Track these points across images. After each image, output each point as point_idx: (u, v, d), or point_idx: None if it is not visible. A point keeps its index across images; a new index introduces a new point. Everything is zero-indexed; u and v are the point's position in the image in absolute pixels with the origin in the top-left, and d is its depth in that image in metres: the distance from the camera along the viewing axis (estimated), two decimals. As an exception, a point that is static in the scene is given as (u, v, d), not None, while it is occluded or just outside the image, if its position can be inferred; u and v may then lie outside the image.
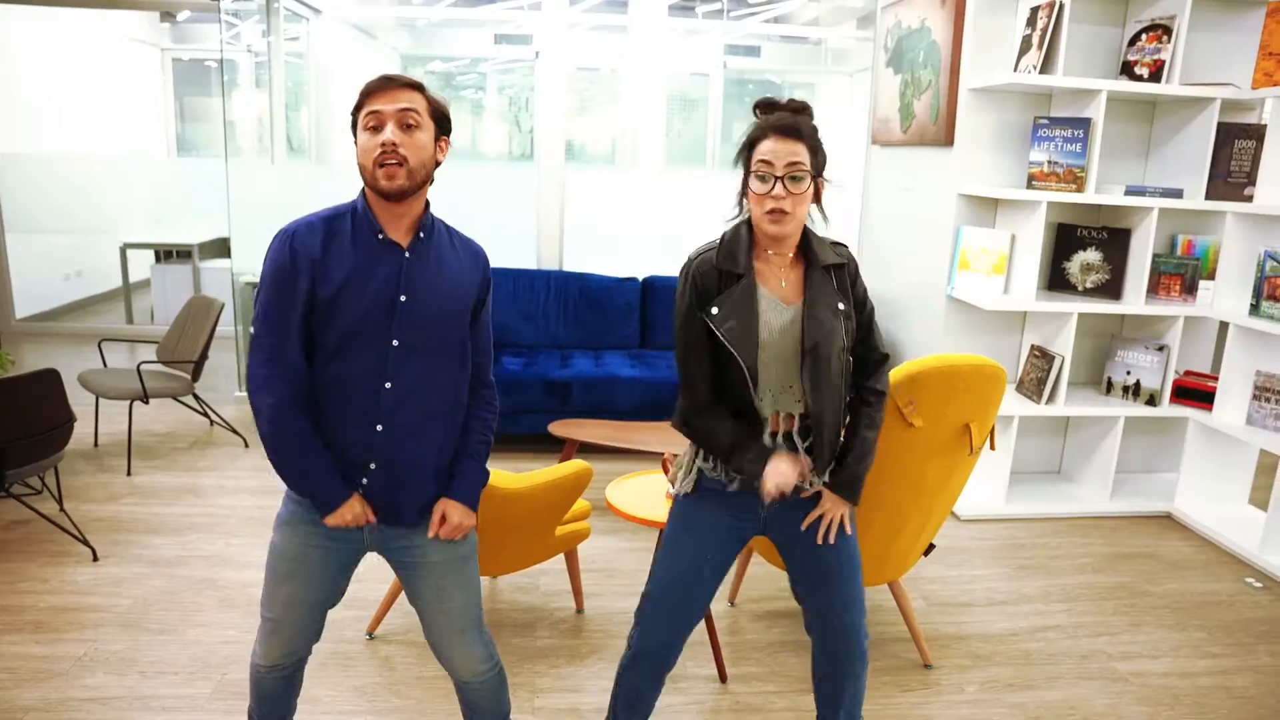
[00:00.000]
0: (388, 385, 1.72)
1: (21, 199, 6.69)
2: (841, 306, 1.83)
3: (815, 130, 1.80)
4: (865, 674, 1.99)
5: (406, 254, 1.74)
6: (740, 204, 1.86)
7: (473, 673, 1.91)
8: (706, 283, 1.81)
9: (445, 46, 7.70)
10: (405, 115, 1.69)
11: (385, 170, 1.67)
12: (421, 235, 1.77)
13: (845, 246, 1.92)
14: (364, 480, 1.75)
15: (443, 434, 1.82)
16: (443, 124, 1.78)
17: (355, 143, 1.73)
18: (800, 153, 1.73)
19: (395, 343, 1.72)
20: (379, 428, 1.73)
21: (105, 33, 7.91)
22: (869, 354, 1.93)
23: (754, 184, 1.76)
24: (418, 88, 1.74)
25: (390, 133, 1.67)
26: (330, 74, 6.41)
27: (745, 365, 1.77)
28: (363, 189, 1.77)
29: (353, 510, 1.74)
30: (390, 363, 1.72)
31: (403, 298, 1.71)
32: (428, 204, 1.81)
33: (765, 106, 1.83)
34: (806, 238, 1.86)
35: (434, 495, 1.82)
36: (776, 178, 1.73)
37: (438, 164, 1.78)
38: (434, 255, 1.78)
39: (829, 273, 1.85)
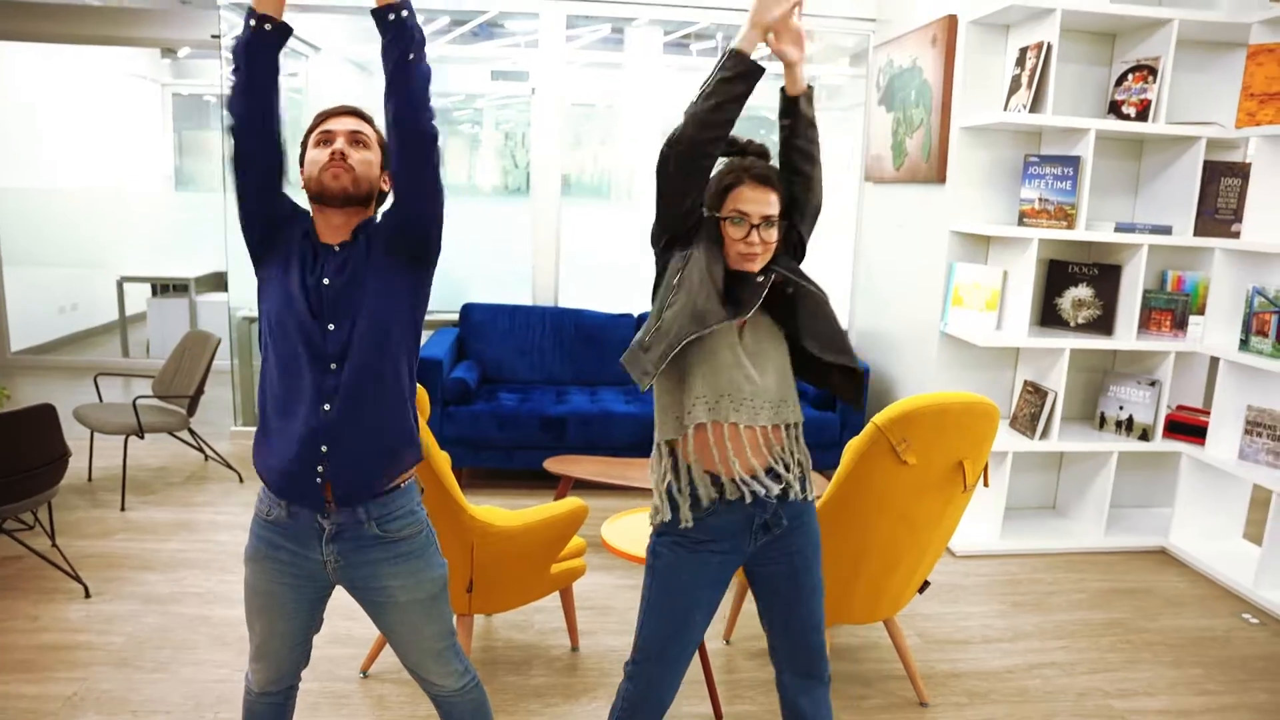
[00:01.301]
0: (333, 366, 1.73)
1: (20, 232, 6.72)
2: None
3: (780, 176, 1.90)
4: (829, 695, 2.01)
5: (336, 248, 1.78)
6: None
7: (450, 688, 1.93)
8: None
9: (442, 83, 7.77)
10: (355, 135, 1.79)
11: (331, 171, 1.74)
12: (359, 236, 1.80)
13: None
14: (319, 467, 1.73)
15: (392, 418, 1.81)
16: (388, 160, 1.84)
17: (302, 164, 1.82)
18: (774, 202, 1.83)
19: (331, 326, 1.74)
20: (326, 407, 1.73)
21: (107, 68, 7.99)
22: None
23: (730, 228, 1.82)
24: (369, 119, 1.85)
25: (340, 143, 1.77)
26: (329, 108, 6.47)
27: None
28: (307, 212, 1.84)
29: None
30: (329, 342, 1.73)
31: (325, 280, 1.74)
32: (372, 220, 1.84)
33: (733, 146, 1.90)
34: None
35: (384, 474, 1.80)
36: (753, 226, 1.79)
37: (383, 193, 1.85)
38: (369, 249, 1.79)
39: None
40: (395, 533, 1.82)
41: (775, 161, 1.93)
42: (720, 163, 1.88)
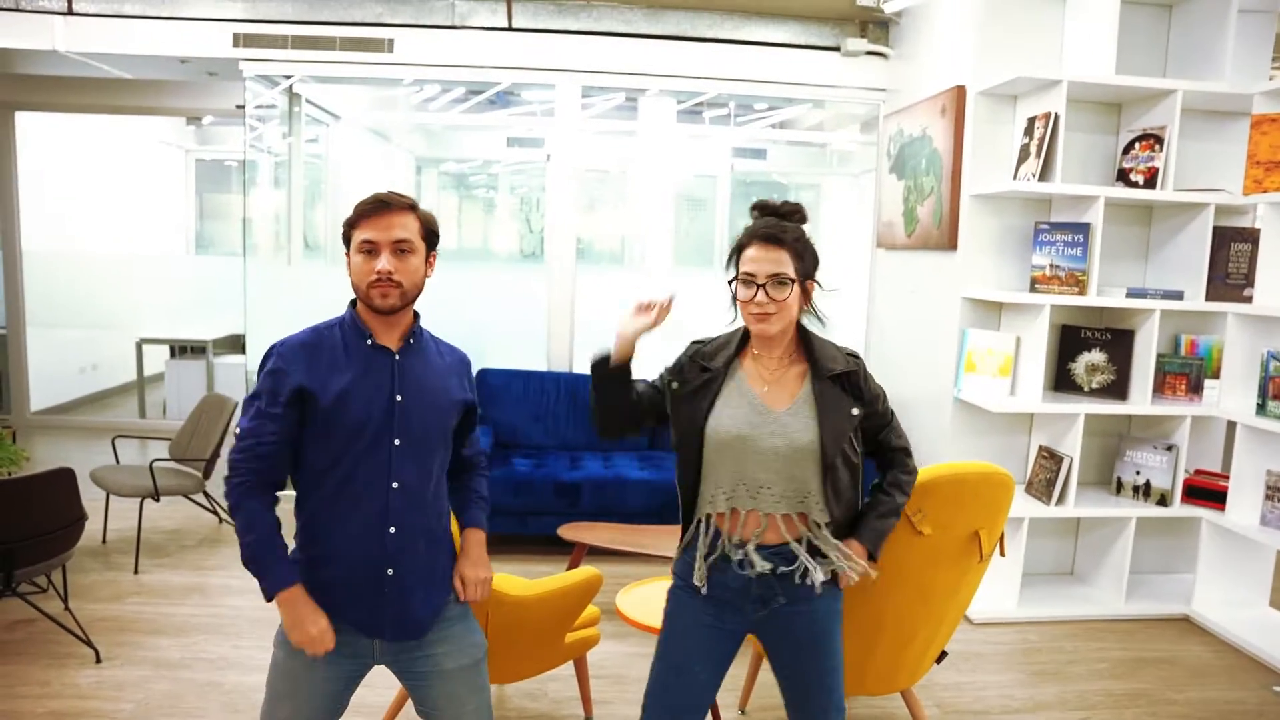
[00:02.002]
0: (394, 485, 1.76)
1: (44, 295, 6.84)
2: (855, 412, 1.88)
3: (801, 234, 1.88)
4: None
5: (396, 356, 1.81)
6: (734, 306, 1.93)
7: None
8: (690, 369, 1.95)
9: (458, 149, 7.94)
10: (399, 245, 1.76)
11: (379, 290, 1.76)
12: (411, 341, 1.85)
13: (856, 355, 1.97)
14: (384, 590, 1.76)
15: (438, 529, 1.86)
16: (432, 241, 1.87)
17: (348, 257, 1.81)
18: (783, 260, 1.82)
19: (397, 442, 1.76)
20: (392, 530, 1.75)
21: (134, 136, 8.21)
22: (886, 446, 2.00)
23: (740, 290, 1.85)
24: (411, 208, 1.81)
25: (385, 262, 1.74)
26: (347, 175, 6.62)
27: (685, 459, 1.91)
28: (353, 300, 1.85)
29: (318, 626, 1.73)
30: (394, 462, 1.76)
31: (399, 397, 1.77)
32: (416, 315, 1.89)
33: (760, 208, 1.93)
34: (809, 342, 1.90)
35: (443, 599, 1.84)
36: (759, 285, 1.80)
37: (427, 277, 1.88)
38: (421, 357, 1.85)
39: (838, 381, 1.88)
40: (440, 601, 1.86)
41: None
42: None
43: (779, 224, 1.87)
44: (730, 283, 1.89)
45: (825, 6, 4.84)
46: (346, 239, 1.81)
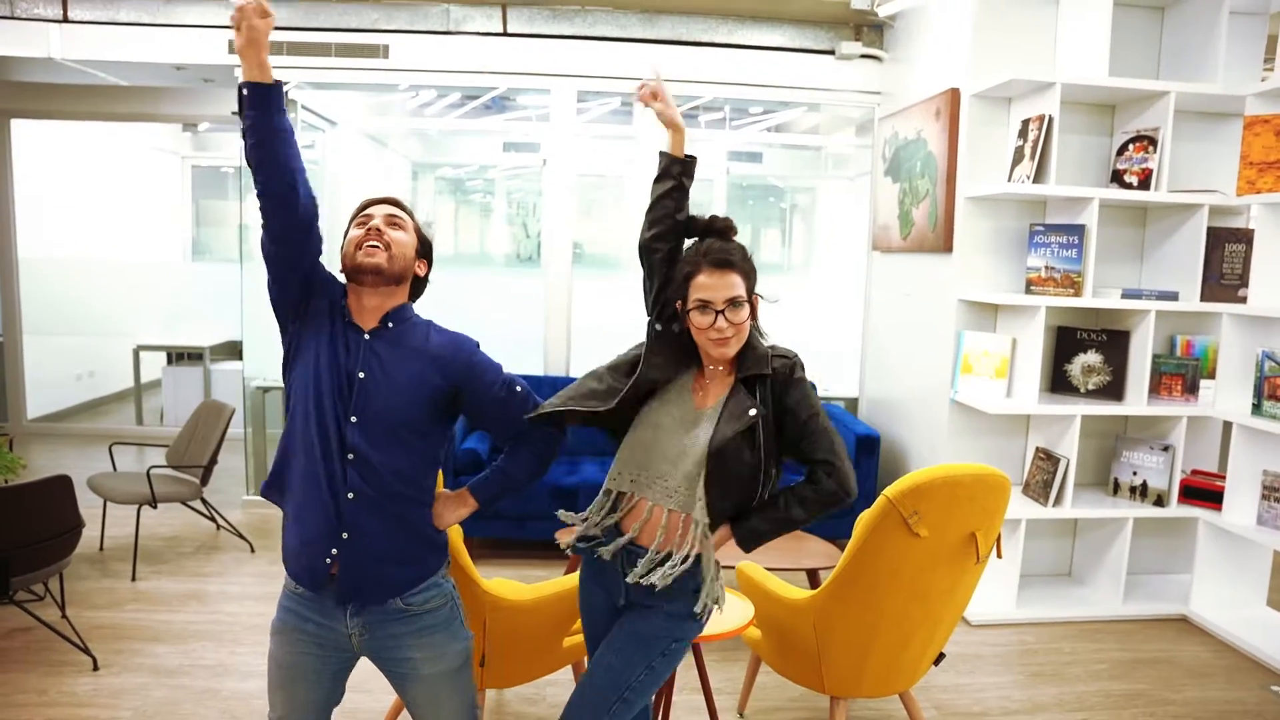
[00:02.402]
0: (350, 456, 1.78)
1: (41, 302, 6.84)
2: (752, 413, 1.86)
3: (744, 252, 1.92)
4: None
5: (366, 335, 1.83)
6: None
7: None
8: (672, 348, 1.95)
9: (455, 154, 7.95)
10: (392, 218, 1.88)
11: (365, 249, 1.81)
12: (390, 325, 1.86)
13: (790, 357, 1.94)
14: (333, 550, 1.77)
15: (410, 518, 1.85)
16: (425, 248, 1.96)
17: (344, 242, 1.89)
18: (736, 284, 1.85)
19: (354, 419, 1.78)
20: (350, 495, 1.78)
21: (131, 143, 8.20)
22: (805, 456, 1.92)
23: (695, 317, 1.86)
24: (409, 210, 1.93)
25: (377, 222, 1.85)
26: (344, 180, 6.62)
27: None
28: (342, 286, 1.90)
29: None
30: (349, 437, 1.78)
31: (361, 374, 1.79)
32: (406, 306, 1.92)
33: (702, 230, 1.96)
34: (743, 349, 1.91)
35: (401, 581, 1.84)
36: (718, 312, 1.82)
37: (417, 278, 1.94)
38: (399, 341, 1.86)
39: (752, 383, 1.89)
40: (419, 606, 1.85)
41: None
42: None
43: (724, 246, 1.89)
44: (676, 310, 1.91)
45: (819, 10, 4.86)
46: (346, 232, 1.91)
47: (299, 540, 1.81)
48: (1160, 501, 3.97)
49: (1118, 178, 3.96)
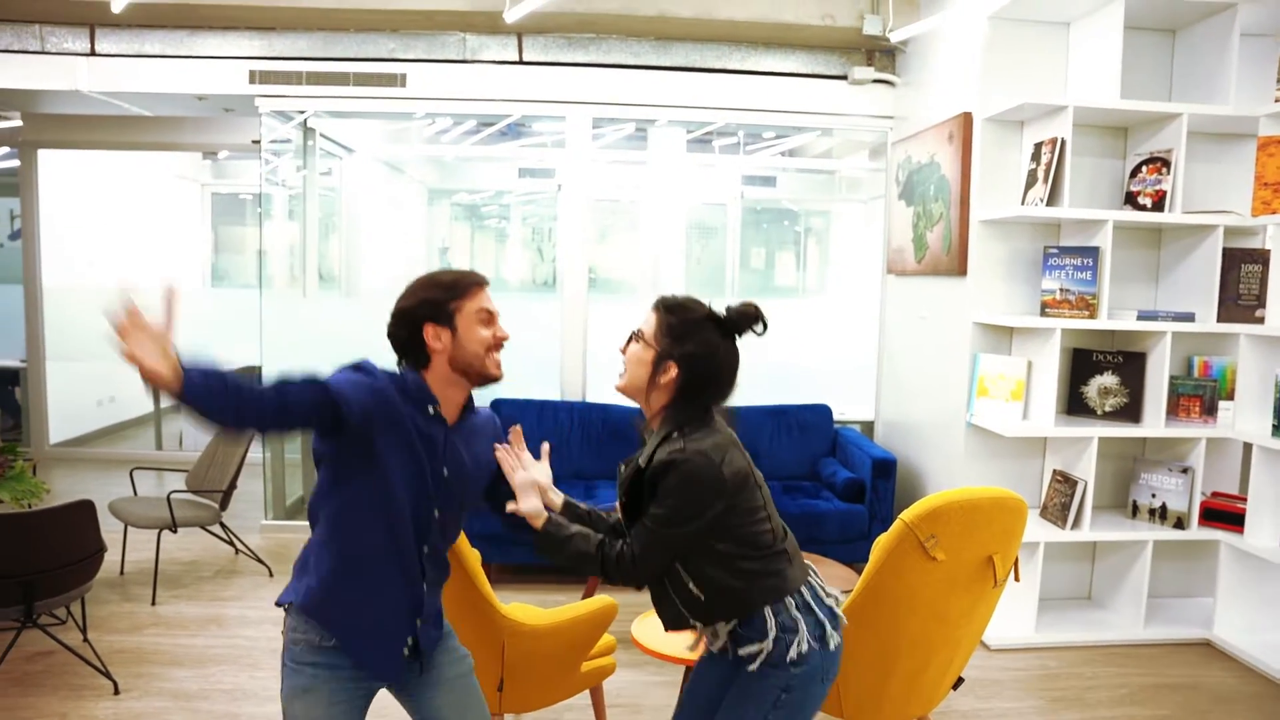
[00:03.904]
0: (425, 549, 1.82)
1: (64, 328, 6.93)
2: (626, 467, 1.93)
3: (687, 313, 1.92)
4: None
5: (450, 429, 1.85)
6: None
7: None
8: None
9: (470, 180, 8.03)
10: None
11: (496, 361, 1.83)
12: (466, 414, 1.90)
13: (674, 460, 1.80)
14: (410, 639, 1.83)
15: (446, 574, 1.96)
16: None
17: (453, 332, 1.80)
18: (647, 320, 1.93)
19: (437, 514, 1.82)
20: (424, 585, 1.83)
21: (152, 171, 8.34)
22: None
23: None
24: None
25: (504, 331, 1.85)
26: (361, 207, 6.70)
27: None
28: (408, 367, 1.84)
29: None
30: (432, 532, 1.82)
31: (445, 471, 1.81)
32: None
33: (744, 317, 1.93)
34: (662, 426, 1.91)
35: (440, 633, 1.95)
36: (630, 336, 1.96)
37: None
38: (468, 427, 1.91)
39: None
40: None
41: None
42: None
43: (670, 298, 1.95)
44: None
45: (832, 36, 4.90)
46: (434, 314, 1.80)
47: (374, 640, 1.79)
48: (1180, 524, 3.93)
49: (1131, 200, 3.96)
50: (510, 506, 1.88)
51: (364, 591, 1.78)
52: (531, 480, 1.92)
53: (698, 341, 1.88)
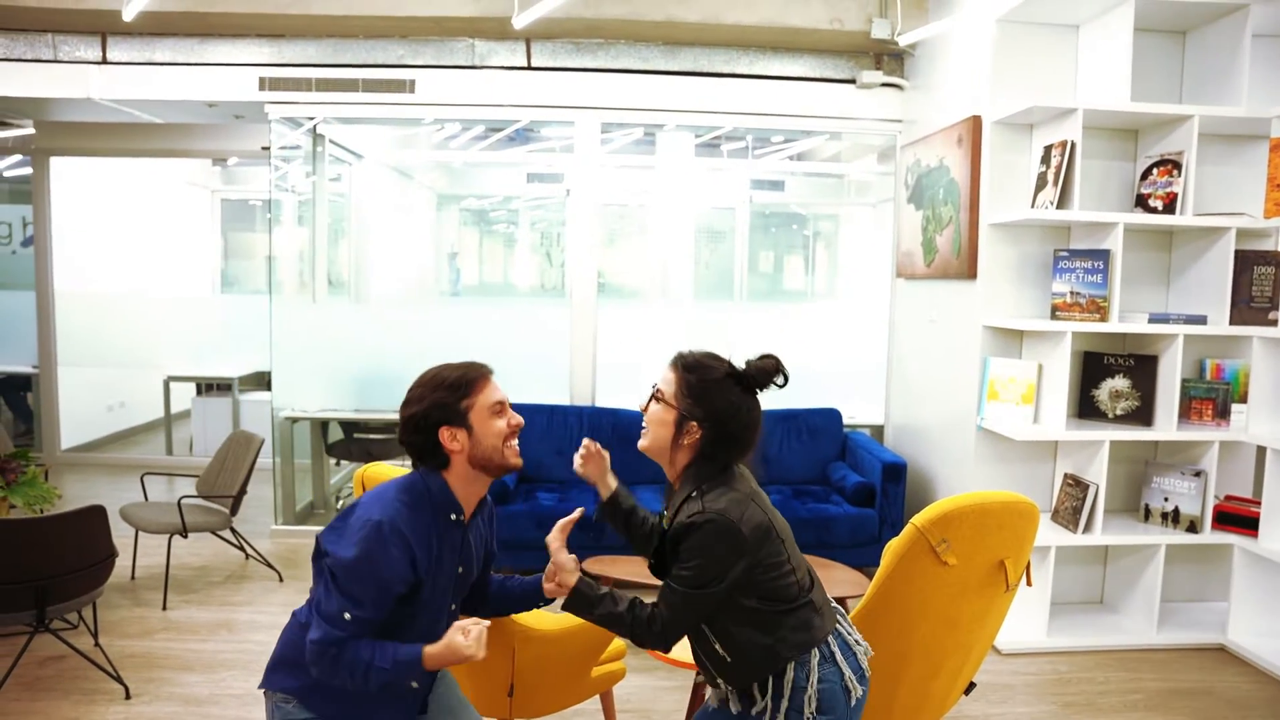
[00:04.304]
0: (438, 631, 1.82)
1: (75, 334, 6.97)
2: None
3: (705, 370, 1.90)
4: None
5: (467, 530, 1.89)
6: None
7: None
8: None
9: (479, 185, 8.06)
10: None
11: (514, 450, 1.85)
12: (479, 508, 1.93)
13: (696, 520, 1.80)
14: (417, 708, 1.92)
15: None
16: None
17: (468, 431, 1.82)
18: (666, 379, 1.92)
19: (454, 607, 1.89)
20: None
21: (162, 177, 8.38)
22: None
23: None
24: None
25: (518, 419, 1.87)
26: (370, 213, 6.73)
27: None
28: (432, 471, 1.84)
29: (468, 635, 1.72)
30: (443, 620, 1.87)
31: (460, 569, 1.85)
32: None
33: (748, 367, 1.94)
34: (684, 485, 1.92)
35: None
36: (651, 396, 1.94)
37: None
38: (478, 520, 1.95)
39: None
40: None
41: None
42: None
43: (688, 354, 1.93)
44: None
45: (840, 40, 4.90)
46: (447, 416, 1.81)
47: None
48: (1193, 528, 3.91)
49: (1142, 202, 3.94)
50: (548, 590, 1.95)
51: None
52: (571, 559, 1.96)
53: (720, 400, 1.87)
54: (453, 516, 1.82)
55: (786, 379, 1.88)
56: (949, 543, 2.26)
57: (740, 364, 1.91)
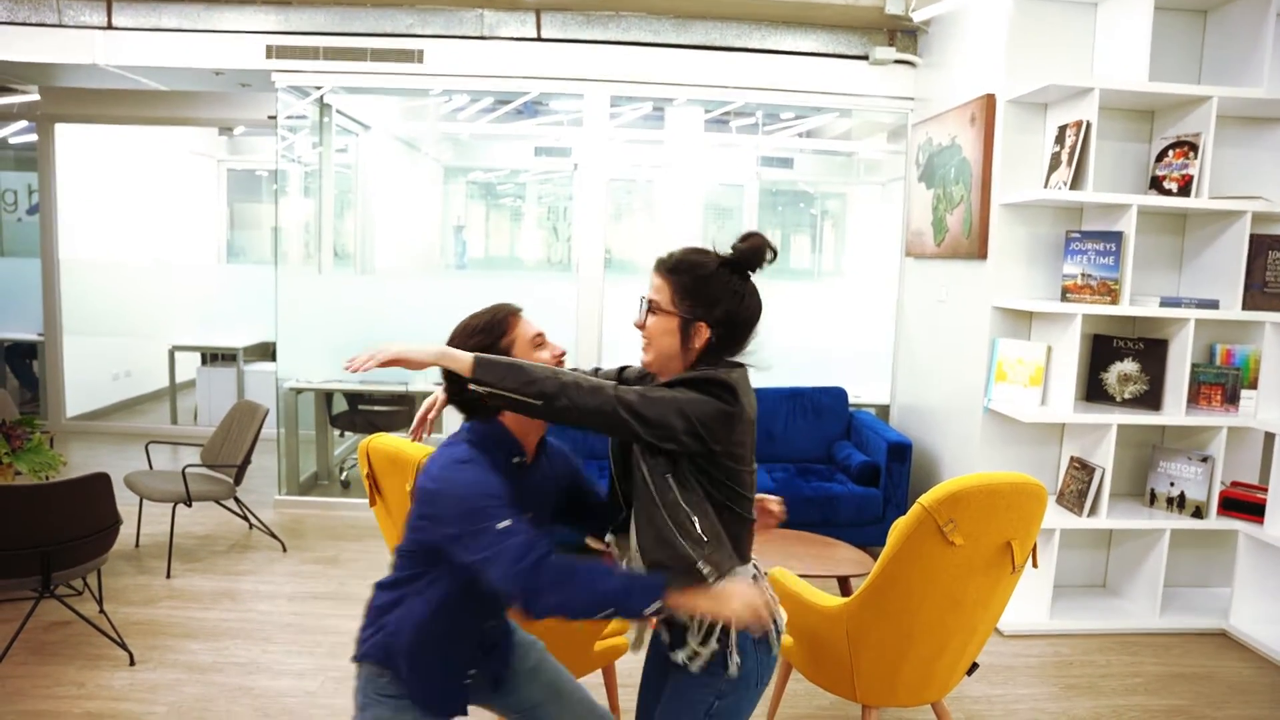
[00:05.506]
0: None
1: (81, 303, 6.97)
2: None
3: (696, 265, 1.80)
4: None
5: (531, 472, 1.85)
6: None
7: None
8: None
9: (486, 158, 8.01)
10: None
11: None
12: (540, 451, 1.89)
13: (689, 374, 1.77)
14: (472, 671, 1.89)
15: None
16: None
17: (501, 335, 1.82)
18: (655, 287, 1.81)
19: None
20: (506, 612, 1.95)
21: (168, 146, 8.35)
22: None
23: None
24: None
25: (555, 344, 1.85)
26: (376, 184, 6.69)
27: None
28: (487, 420, 1.80)
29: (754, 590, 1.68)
30: None
31: (530, 515, 1.73)
32: None
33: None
34: None
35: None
36: (644, 309, 1.83)
37: None
38: (543, 463, 1.91)
39: None
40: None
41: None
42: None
43: (671, 254, 1.83)
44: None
45: (853, 15, 4.84)
46: (496, 335, 1.80)
47: (440, 683, 1.84)
48: (1199, 513, 3.90)
49: (1156, 184, 3.90)
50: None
51: (448, 636, 1.80)
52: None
53: (722, 293, 1.77)
54: (515, 460, 1.78)
55: (775, 254, 1.80)
56: (956, 523, 2.25)
57: (726, 250, 1.80)
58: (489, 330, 1.78)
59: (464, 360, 1.62)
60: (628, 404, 1.63)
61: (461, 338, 1.79)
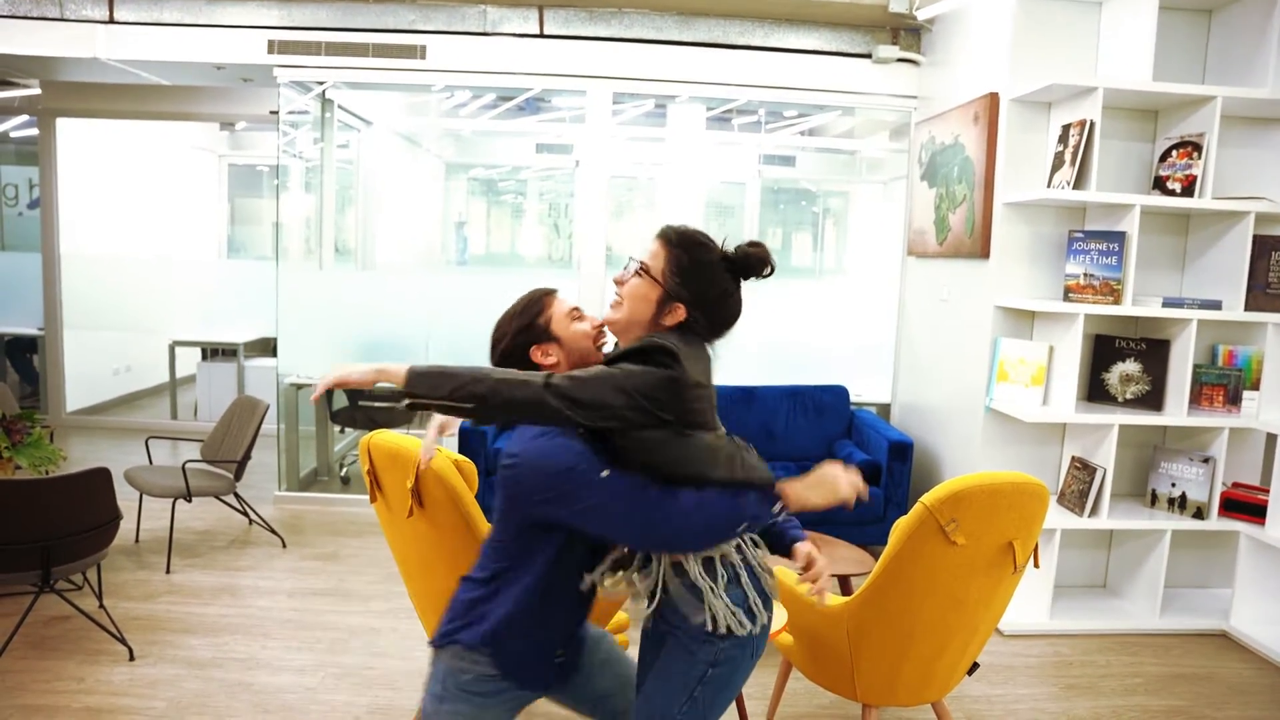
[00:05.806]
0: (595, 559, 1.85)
1: (81, 297, 6.96)
2: None
3: (692, 241, 1.79)
4: None
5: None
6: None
7: None
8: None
9: (488, 155, 8.00)
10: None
11: (600, 340, 1.87)
12: None
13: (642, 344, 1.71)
14: (561, 649, 1.89)
15: None
16: None
17: (558, 343, 1.84)
18: (651, 252, 1.79)
19: None
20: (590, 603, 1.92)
21: (169, 141, 8.34)
22: None
23: None
24: None
25: (593, 316, 1.89)
26: (378, 180, 6.68)
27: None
28: None
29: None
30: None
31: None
32: None
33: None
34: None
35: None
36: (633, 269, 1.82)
37: None
38: None
39: None
40: None
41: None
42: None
43: (669, 226, 1.82)
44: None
45: (857, 13, 4.82)
46: (533, 336, 1.82)
47: (536, 658, 1.84)
48: (1200, 514, 3.89)
49: (1160, 184, 3.89)
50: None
51: (543, 619, 1.81)
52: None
53: (711, 287, 1.75)
54: (580, 432, 1.76)
55: (773, 269, 1.78)
56: (958, 522, 2.24)
57: (730, 249, 1.79)
58: (525, 311, 1.83)
59: (399, 374, 1.59)
60: (557, 390, 1.58)
61: (503, 323, 1.85)
